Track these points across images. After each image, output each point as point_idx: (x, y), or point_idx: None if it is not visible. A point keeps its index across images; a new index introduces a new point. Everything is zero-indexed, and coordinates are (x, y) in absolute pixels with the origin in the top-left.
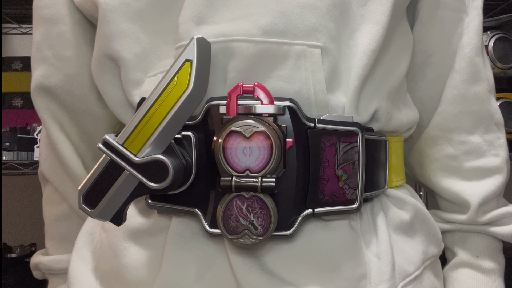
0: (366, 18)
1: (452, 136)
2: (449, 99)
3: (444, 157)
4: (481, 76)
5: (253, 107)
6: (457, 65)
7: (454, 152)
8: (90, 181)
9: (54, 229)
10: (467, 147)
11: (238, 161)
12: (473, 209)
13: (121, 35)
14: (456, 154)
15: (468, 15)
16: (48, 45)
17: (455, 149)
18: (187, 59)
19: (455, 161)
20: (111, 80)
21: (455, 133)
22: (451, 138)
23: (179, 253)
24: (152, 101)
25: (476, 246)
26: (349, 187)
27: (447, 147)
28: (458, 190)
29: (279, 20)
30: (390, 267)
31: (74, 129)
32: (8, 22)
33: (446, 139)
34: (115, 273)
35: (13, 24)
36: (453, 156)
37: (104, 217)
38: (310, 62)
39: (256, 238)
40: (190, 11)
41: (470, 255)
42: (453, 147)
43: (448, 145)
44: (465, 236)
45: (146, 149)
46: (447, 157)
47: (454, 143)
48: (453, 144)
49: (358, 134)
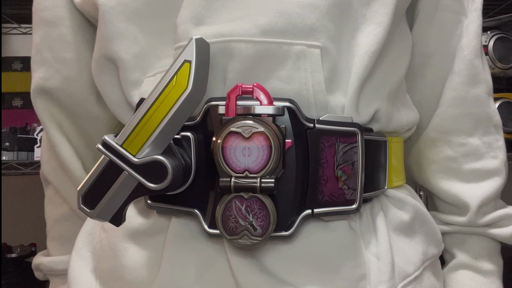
0: (368, 19)
1: (451, 138)
2: (448, 101)
3: (443, 159)
4: (480, 78)
5: (252, 107)
6: (457, 67)
7: (453, 154)
8: (89, 182)
9: (55, 230)
10: (466, 149)
11: (237, 162)
12: (473, 211)
13: (118, 35)
14: (455, 156)
15: (468, 17)
16: (48, 47)
17: (454, 151)
18: (186, 59)
19: (454, 163)
20: (110, 81)
21: (454, 135)
22: (450, 140)
23: (179, 254)
24: (151, 102)
25: (475, 248)
26: (349, 188)
27: (446, 149)
28: (457, 192)
29: (279, 20)
30: (390, 268)
31: (74, 130)
32: (8, 22)
33: (445, 141)
34: (115, 273)
35: (13, 24)
36: (452, 158)
37: (103, 218)
38: (310, 62)
39: (255, 239)
40: (189, 12)
41: (469, 257)
42: (452, 149)
43: (447, 147)
44: (464, 238)
45: (145, 149)
46: (446, 159)
47: (453, 145)
48: (452, 146)
49: (357, 135)
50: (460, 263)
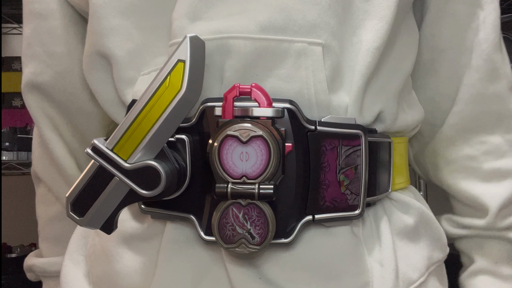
0: (370, 14)
1: (471, 136)
2: (467, 99)
3: (462, 158)
4: (500, 74)
5: (250, 110)
6: (474, 62)
7: (472, 153)
8: (78, 188)
9: (48, 230)
10: (487, 147)
11: (234, 167)
12: (492, 214)
13: (112, 31)
14: (474, 155)
15: (484, 10)
16: (39, 40)
17: (473, 150)
18: (179, 59)
19: (473, 161)
20: (103, 79)
21: (474, 133)
22: (469, 139)
23: (174, 260)
24: (143, 104)
25: (495, 252)
26: (351, 193)
27: (465, 147)
28: (476, 193)
29: (278, 16)
30: (394, 275)
31: (67, 127)
32: (8, 22)
33: (463, 140)
34: (108, 279)
35: (13, 24)
36: (471, 156)
37: (93, 226)
38: (311, 60)
39: (253, 248)
40: (185, 6)
41: (489, 262)
42: (472, 147)
43: (466, 145)
44: (482, 241)
45: (137, 154)
46: (465, 158)
47: (473, 143)
48: (471, 144)
49: (361, 137)
50: (480, 268)
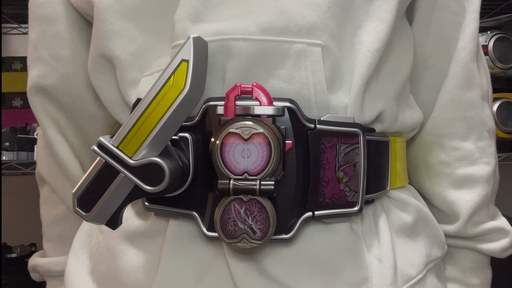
0: (371, 15)
1: (445, 142)
2: (443, 104)
3: (437, 163)
4: (475, 82)
5: (252, 108)
6: (452, 70)
7: (446, 158)
8: (84, 184)
9: (52, 231)
10: (460, 153)
11: (236, 164)
12: (462, 221)
13: (115, 34)
14: (448, 160)
15: (466, 19)
16: (44, 44)
17: (447, 155)
18: (183, 59)
19: (447, 167)
20: (107, 80)
21: (448, 138)
22: (443, 144)
23: (177, 256)
24: (147, 102)
25: (464, 262)
26: (350, 190)
27: (440, 153)
28: (450, 199)
29: (278, 18)
30: (392, 271)
31: (71, 129)
32: (8, 22)
33: (439, 145)
34: (112, 276)
35: (13, 24)
36: (445, 162)
37: (99, 221)
38: (311, 61)
39: (255, 242)
40: (187, 9)
41: (458, 271)
42: (446, 153)
43: (440, 151)
44: (453, 251)
45: (142, 151)
46: (440, 163)
47: (447, 149)
48: (445, 150)
49: (359, 135)
50: (449, 276)
